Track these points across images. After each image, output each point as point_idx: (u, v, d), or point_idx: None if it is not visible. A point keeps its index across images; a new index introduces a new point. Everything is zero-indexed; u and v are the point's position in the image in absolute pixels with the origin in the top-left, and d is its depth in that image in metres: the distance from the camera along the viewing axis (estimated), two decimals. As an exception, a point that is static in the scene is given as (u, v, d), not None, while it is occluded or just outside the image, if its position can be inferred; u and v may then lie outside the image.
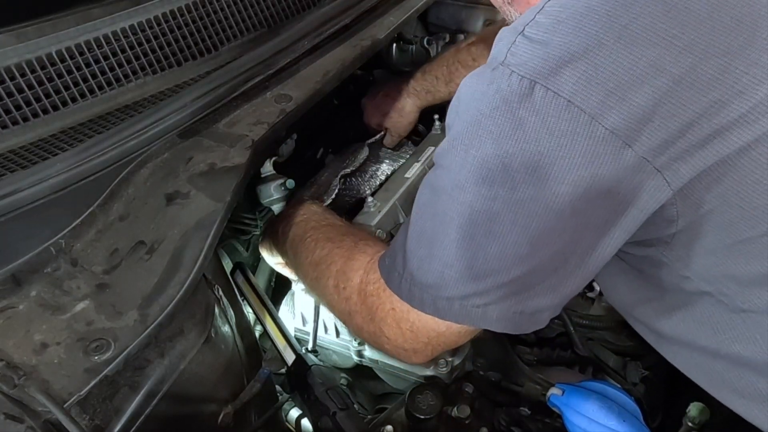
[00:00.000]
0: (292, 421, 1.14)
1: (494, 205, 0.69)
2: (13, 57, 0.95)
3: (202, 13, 1.14)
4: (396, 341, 0.84)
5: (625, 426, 0.89)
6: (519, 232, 0.69)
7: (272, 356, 1.12)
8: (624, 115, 0.62)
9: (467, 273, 0.73)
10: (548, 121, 0.64)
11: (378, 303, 0.84)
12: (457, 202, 0.71)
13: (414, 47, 1.52)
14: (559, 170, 0.65)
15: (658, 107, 0.63)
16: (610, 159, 0.64)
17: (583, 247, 0.71)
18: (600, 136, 0.63)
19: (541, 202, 0.67)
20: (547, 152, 0.64)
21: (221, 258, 1.18)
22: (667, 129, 0.63)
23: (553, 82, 0.63)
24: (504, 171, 0.67)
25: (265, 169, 1.20)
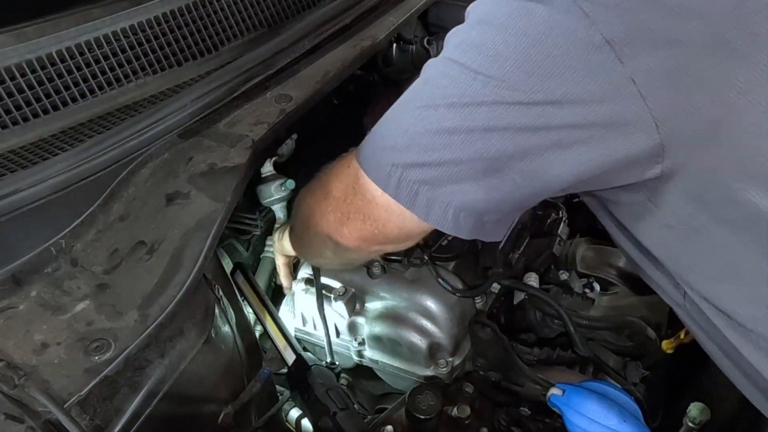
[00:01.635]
0: (292, 421, 1.14)
1: (473, 81, 0.68)
2: (13, 57, 0.95)
3: (202, 13, 1.14)
4: (338, 202, 0.85)
5: (625, 426, 0.89)
6: (485, 113, 0.68)
7: (272, 356, 1.12)
8: (625, 29, 0.62)
9: (421, 139, 0.72)
10: (552, 15, 0.63)
11: (341, 164, 0.86)
12: (438, 72, 0.72)
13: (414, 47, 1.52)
14: (548, 67, 0.64)
15: (665, 31, 0.61)
16: (599, 69, 0.63)
17: (542, 153, 0.69)
18: (595, 43, 0.62)
19: (520, 91, 0.66)
20: (543, 47, 0.64)
21: (221, 258, 1.18)
22: (665, 56, 0.62)
23: None
24: (495, 55, 0.66)
25: (265, 169, 1.20)
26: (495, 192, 0.73)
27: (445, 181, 0.73)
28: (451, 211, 0.74)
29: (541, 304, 1.12)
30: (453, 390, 1.04)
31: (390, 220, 0.81)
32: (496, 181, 0.71)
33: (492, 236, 0.79)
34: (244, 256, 1.26)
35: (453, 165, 0.71)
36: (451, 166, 0.72)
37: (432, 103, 0.71)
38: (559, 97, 0.65)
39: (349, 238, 0.87)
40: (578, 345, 1.07)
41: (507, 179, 0.71)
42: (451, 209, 0.74)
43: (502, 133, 0.68)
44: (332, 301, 1.13)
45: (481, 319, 1.08)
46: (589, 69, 0.63)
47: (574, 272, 1.23)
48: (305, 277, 1.18)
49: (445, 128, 0.70)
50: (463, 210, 0.74)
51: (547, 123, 0.66)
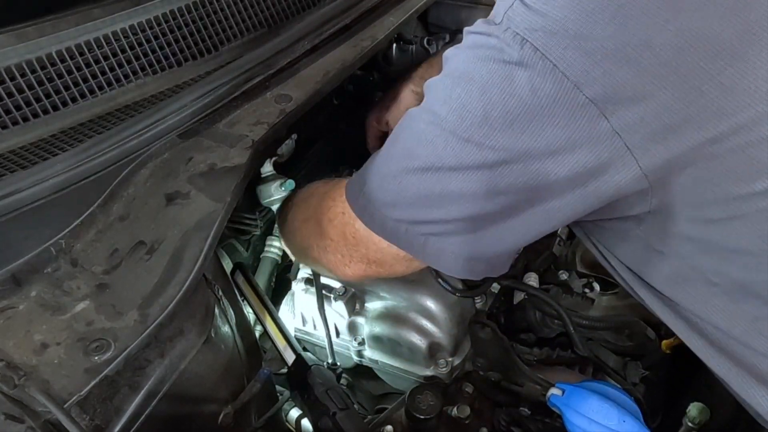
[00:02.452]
0: (292, 421, 1.14)
1: (465, 146, 0.71)
2: (13, 57, 0.95)
3: (202, 13, 1.14)
4: (337, 245, 0.91)
5: (625, 426, 0.89)
6: (482, 176, 0.72)
7: (272, 356, 1.12)
8: (606, 87, 0.64)
9: (422, 200, 0.77)
10: (534, 79, 0.66)
11: (332, 205, 0.91)
12: (430, 134, 0.74)
13: (414, 47, 1.52)
14: (536, 127, 0.68)
15: (641, 86, 0.64)
16: (585, 126, 0.66)
17: (539, 203, 0.73)
18: (579, 102, 0.65)
19: (512, 152, 0.69)
20: (529, 108, 0.67)
21: (221, 258, 1.18)
22: (645, 109, 0.65)
23: (543, 44, 0.65)
24: (483, 118, 0.70)
25: (265, 169, 1.20)
26: (500, 241, 0.78)
27: (452, 234, 0.78)
28: (461, 260, 0.80)
29: (541, 304, 1.12)
30: (453, 390, 1.05)
31: (397, 263, 0.88)
32: (499, 232, 0.76)
33: (500, 271, 0.84)
34: (244, 256, 1.26)
35: (457, 222, 0.77)
36: (455, 223, 0.77)
37: (428, 167, 0.75)
38: (551, 152, 0.68)
39: (352, 276, 0.94)
40: (578, 345, 1.07)
41: (509, 229, 0.76)
42: (461, 258, 0.80)
43: (500, 194, 0.73)
44: (332, 301, 1.13)
45: (481, 319, 1.09)
46: (576, 126, 0.66)
47: (574, 272, 1.23)
48: (305, 277, 1.18)
49: (446, 191, 0.75)
50: (471, 258, 0.80)
51: (543, 180, 0.71)
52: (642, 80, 0.64)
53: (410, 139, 0.78)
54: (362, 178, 0.85)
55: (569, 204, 0.73)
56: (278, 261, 1.26)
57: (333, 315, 1.15)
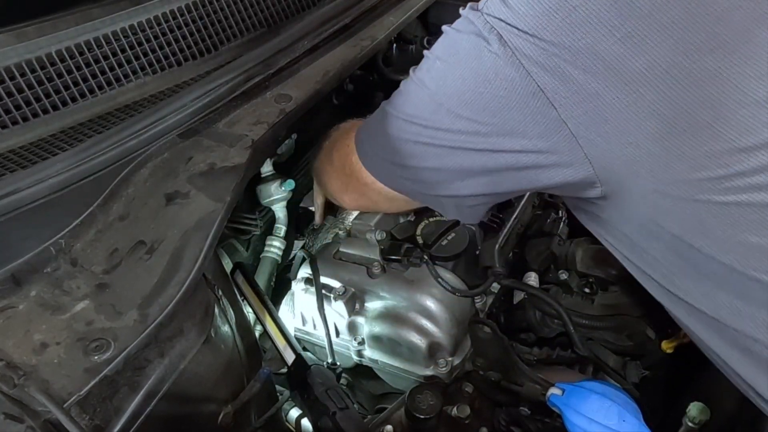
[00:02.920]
0: (292, 421, 1.14)
1: (438, 111, 0.81)
2: (13, 57, 0.95)
3: (202, 13, 1.14)
4: (339, 173, 1.04)
5: (625, 426, 0.89)
6: (448, 137, 0.81)
7: (272, 356, 1.12)
8: (556, 81, 0.71)
9: (402, 147, 0.87)
10: (497, 63, 0.74)
11: (345, 136, 1.03)
12: (414, 89, 0.86)
13: (414, 47, 1.52)
14: (496, 106, 0.75)
15: (587, 85, 0.70)
16: (537, 112, 0.73)
17: (494, 169, 0.82)
18: (532, 90, 0.72)
19: (474, 122, 0.78)
20: (493, 89, 0.75)
21: (221, 258, 1.18)
22: (591, 105, 0.71)
23: (507, 34, 0.73)
24: (457, 91, 0.78)
25: (265, 169, 1.20)
26: (463, 191, 0.88)
27: (427, 182, 0.89)
28: (436, 200, 0.93)
29: (540, 303, 1.12)
30: (453, 390, 1.04)
31: (381, 200, 1.01)
32: (469, 182, 0.85)
33: (470, 220, 0.97)
34: (244, 256, 1.26)
35: (432, 171, 0.87)
36: (431, 172, 0.87)
37: (409, 119, 0.86)
38: (507, 130, 0.76)
39: (349, 204, 1.11)
40: (578, 345, 1.07)
41: (478, 184, 0.85)
42: (434, 198, 0.92)
43: (465, 152, 0.81)
44: (332, 300, 1.13)
45: (480, 318, 1.08)
46: (529, 111, 0.73)
47: (573, 272, 1.23)
48: (305, 277, 1.18)
49: (421, 141, 0.85)
50: (443, 197, 0.91)
51: (500, 148, 0.78)
52: (587, 79, 0.70)
53: (402, 94, 0.89)
54: (369, 123, 0.96)
55: (525, 176, 0.80)
56: (278, 261, 1.26)
57: (333, 315, 1.15)
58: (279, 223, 1.25)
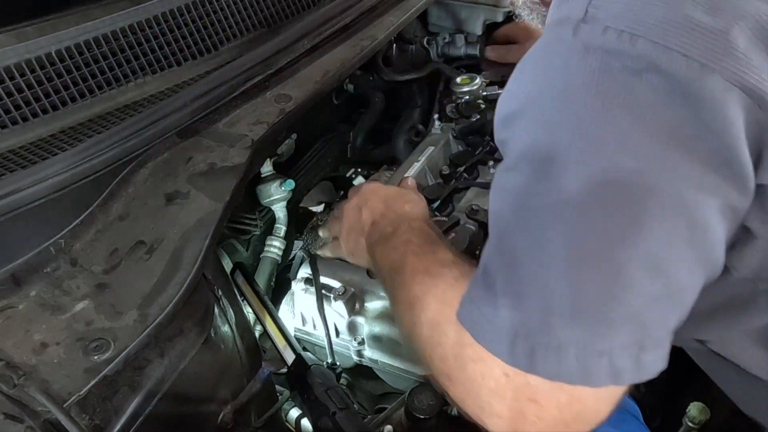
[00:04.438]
0: (292, 421, 1.14)
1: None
2: (13, 57, 0.95)
3: (202, 12, 1.14)
4: (513, 420, 0.62)
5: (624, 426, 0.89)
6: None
7: (272, 356, 1.12)
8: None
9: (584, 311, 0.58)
10: (672, 85, 0.55)
11: (485, 370, 0.63)
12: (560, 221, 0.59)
13: (414, 47, 1.52)
14: (690, 154, 0.56)
15: None
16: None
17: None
18: (737, 99, 0.55)
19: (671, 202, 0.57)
20: (677, 128, 0.56)
21: (221, 258, 1.18)
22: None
23: (659, 34, 0.55)
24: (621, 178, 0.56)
25: (265, 169, 1.20)
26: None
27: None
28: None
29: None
30: (453, 390, 1.04)
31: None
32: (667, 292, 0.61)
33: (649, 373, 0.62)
34: (244, 256, 1.26)
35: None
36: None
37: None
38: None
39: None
40: (578, 345, 1.07)
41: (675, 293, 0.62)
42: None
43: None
44: (332, 300, 1.13)
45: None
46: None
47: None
48: (305, 277, 1.18)
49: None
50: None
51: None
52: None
53: (532, 239, 0.60)
54: (499, 307, 0.61)
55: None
56: (278, 261, 1.26)
57: (333, 315, 1.15)
58: (279, 223, 1.25)
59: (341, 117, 1.51)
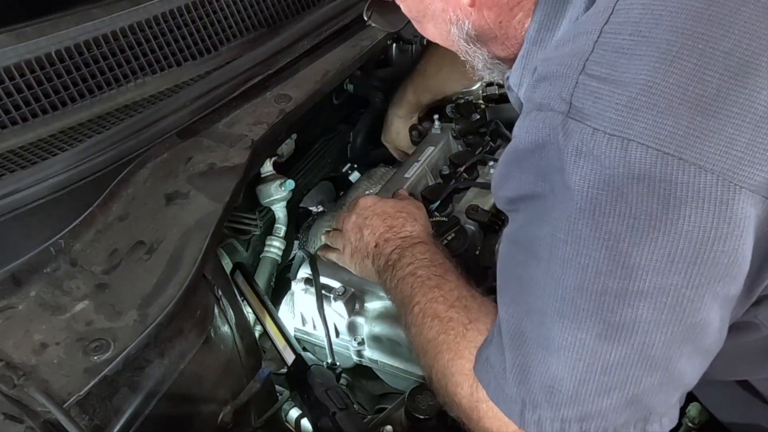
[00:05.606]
0: (291, 421, 1.14)
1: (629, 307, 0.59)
2: (13, 57, 0.95)
3: (202, 13, 1.14)
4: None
5: (624, 426, 0.89)
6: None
7: (272, 356, 1.12)
8: (753, 166, 0.55)
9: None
10: (663, 188, 0.55)
11: (501, 427, 0.70)
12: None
13: (414, 47, 1.52)
14: (695, 256, 0.56)
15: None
16: (749, 216, 0.56)
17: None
18: (735, 194, 0.55)
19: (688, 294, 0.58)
20: (676, 234, 0.56)
21: (221, 258, 1.18)
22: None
23: (652, 137, 0.54)
24: (620, 264, 0.58)
25: (265, 169, 1.20)
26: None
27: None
28: None
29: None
30: (452, 390, 1.04)
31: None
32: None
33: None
34: (244, 256, 1.26)
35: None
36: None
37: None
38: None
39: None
40: (578, 345, 1.07)
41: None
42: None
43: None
44: (332, 301, 1.13)
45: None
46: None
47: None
48: (305, 277, 1.18)
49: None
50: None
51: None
52: None
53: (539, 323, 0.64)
54: (508, 378, 0.66)
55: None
56: (278, 261, 1.26)
57: (333, 315, 1.15)
58: (279, 223, 1.25)
59: (341, 117, 1.51)
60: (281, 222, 1.25)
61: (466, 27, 0.76)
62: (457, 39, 0.79)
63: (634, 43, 0.57)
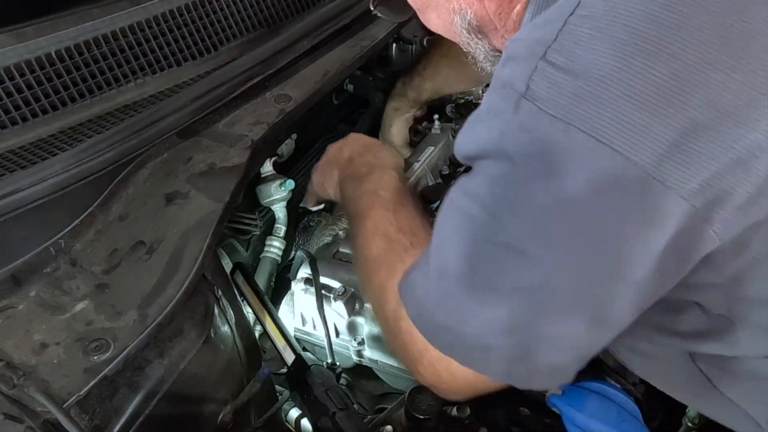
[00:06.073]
0: (291, 421, 1.14)
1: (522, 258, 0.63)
2: (13, 57, 0.95)
3: (202, 12, 1.14)
4: (433, 383, 0.79)
5: (624, 426, 0.89)
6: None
7: (272, 356, 1.12)
8: (680, 168, 0.57)
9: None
10: (592, 172, 0.58)
11: (410, 341, 0.76)
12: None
13: (414, 47, 1.52)
14: (610, 229, 0.60)
15: (705, 149, 0.58)
16: (668, 215, 0.59)
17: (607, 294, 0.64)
18: (658, 192, 0.58)
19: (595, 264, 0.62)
20: (593, 209, 0.60)
21: (221, 258, 1.18)
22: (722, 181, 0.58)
23: (592, 125, 0.58)
24: (542, 233, 0.62)
25: (265, 169, 1.20)
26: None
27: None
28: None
29: (540, 303, 1.11)
30: (452, 390, 1.04)
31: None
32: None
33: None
34: (244, 256, 1.26)
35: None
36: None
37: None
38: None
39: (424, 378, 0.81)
40: (578, 345, 1.07)
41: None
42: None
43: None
44: (332, 300, 1.13)
45: (480, 318, 1.08)
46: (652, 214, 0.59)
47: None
48: (305, 277, 1.18)
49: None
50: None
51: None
52: (711, 143, 0.58)
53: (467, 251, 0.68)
54: (418, 292, 0.74)
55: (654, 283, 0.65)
56: (278, 261, 1.26)
57: (332, 315, 1.15)
58: (279, 223, 1.25)
59: (341, 117, 1.51)
60: (281, 222, 1.25)
61: (468, 17, 0.79)
62: (459, 29, 0.82)
63: (591, 38, 0.60)
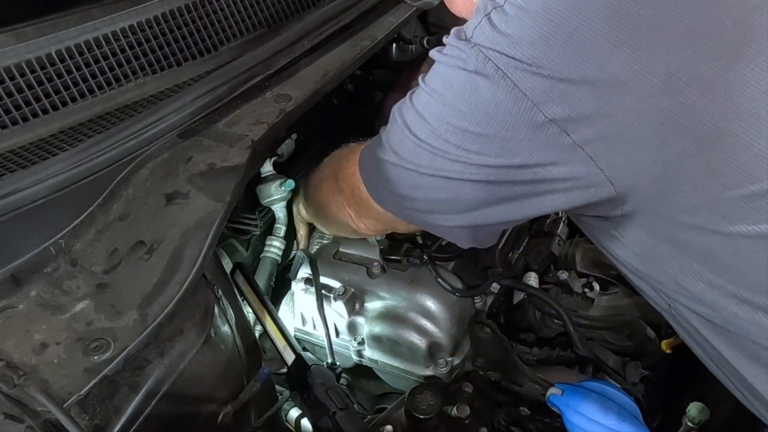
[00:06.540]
0: (291, 421, 1.14)
1: (444, 146, 0.76)
2: (13, 57, 0.95)
3: (202, 13, 1.14)
4: (350, 201, 0.99)
5: (624, 426, 0.89)
6: (458, 168, 0.76)
7: (272, 356, 1.12)
8: (564, 108, 0.67)
9: (409, 180, 0.83)
10: (497, 95, 0.69)
11: (346, 165, 0.98)
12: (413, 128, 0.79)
13: (414, 47, 1.52)
14: (502, 139, 0.71)
15: (598, 107, 0.67)
16: (549, 141, 0.69)
17: (507, 199, 0.78)
18: (540, 121, 0.69)
19: (483, 155, 0.74)
20: (494, 121, 0.71)
21: (221, 258, 1.18)
22: (605, 127, 0.68)
23: (504, 65, 0.68)
24: (459, 128, 0.74)
25: (265, 169, 1.20)
26: (479, 220, 0.83)
27: (438, 212, 0.85)
28: (449, 230, 0.88)
29: (540, 303, 1.12)
30: (452, 390, 1.05)
31: (398, 224, 0.97)
32: (484, 212, 0.81)
33: (486, 245, 0.92)
34: (244, 256, 1.26)
35: (443, 203, 0.82)
36: (441, 203, 0.83)
37: (411, 155, 0.80)
38: (519, 162, 0.72)
39: (366, 230, 1.04)
40: (578, 345, 1.07)
41: (494, 213, 0.81)
42: (447, 229, 0.88)
43: (476, 184, 0.77)
44: (332, 300, 1.13)
45: (480, 318, 1.09)
46: (539, 141, 0.70)
47: (573, 272, 1.23)
48: (305, 277, 1.18)
49: (427, 174, 0.79)
50: (457, 227, 0.86)
51: (513, 179, 0.74)
52: (598, 102, 0.67)
53: (406, 135, 0.81)
54: (371, 150, 0.89)
55: (541, 202, 0.77)
56: (278, 261, 1.26)
57: (333, 315, 1.15)
58: (279, 223, 1.25)
59: (341, 117, 1.51)
60: (281, 222, 1.25)
61: None
62: None
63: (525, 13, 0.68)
